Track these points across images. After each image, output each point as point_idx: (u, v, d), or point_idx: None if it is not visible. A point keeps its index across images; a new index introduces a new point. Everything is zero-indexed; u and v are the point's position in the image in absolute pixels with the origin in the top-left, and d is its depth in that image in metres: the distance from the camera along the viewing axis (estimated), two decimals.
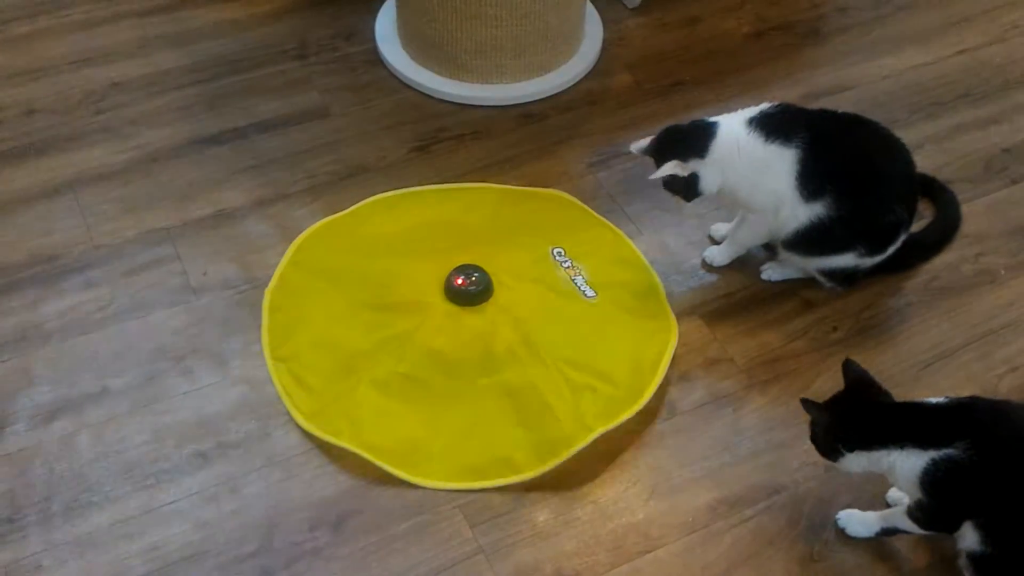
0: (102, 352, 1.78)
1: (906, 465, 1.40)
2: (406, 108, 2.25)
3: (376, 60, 2.36)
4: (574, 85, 2.33)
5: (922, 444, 1.39)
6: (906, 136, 1.84)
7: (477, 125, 2.22)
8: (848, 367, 1.49)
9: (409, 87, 2.30)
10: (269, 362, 1.76)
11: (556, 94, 2.30)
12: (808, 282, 1.92)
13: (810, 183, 1.73)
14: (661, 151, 1.78)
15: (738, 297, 1.91)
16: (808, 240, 1.79)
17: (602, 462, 1.67)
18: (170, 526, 1.57)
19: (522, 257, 1.94)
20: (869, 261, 1.83)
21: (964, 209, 2.05)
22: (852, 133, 1.81)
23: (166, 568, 1.53)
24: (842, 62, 2.40)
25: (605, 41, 2.42)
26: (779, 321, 1.87)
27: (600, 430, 1.68)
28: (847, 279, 1.87)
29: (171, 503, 1.60)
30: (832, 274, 1.86)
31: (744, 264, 1.95)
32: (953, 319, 1.88)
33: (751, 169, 1.75)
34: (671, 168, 1.74)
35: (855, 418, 1.44)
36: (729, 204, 1.87)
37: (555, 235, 1.97)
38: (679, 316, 1.87)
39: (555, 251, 1.94)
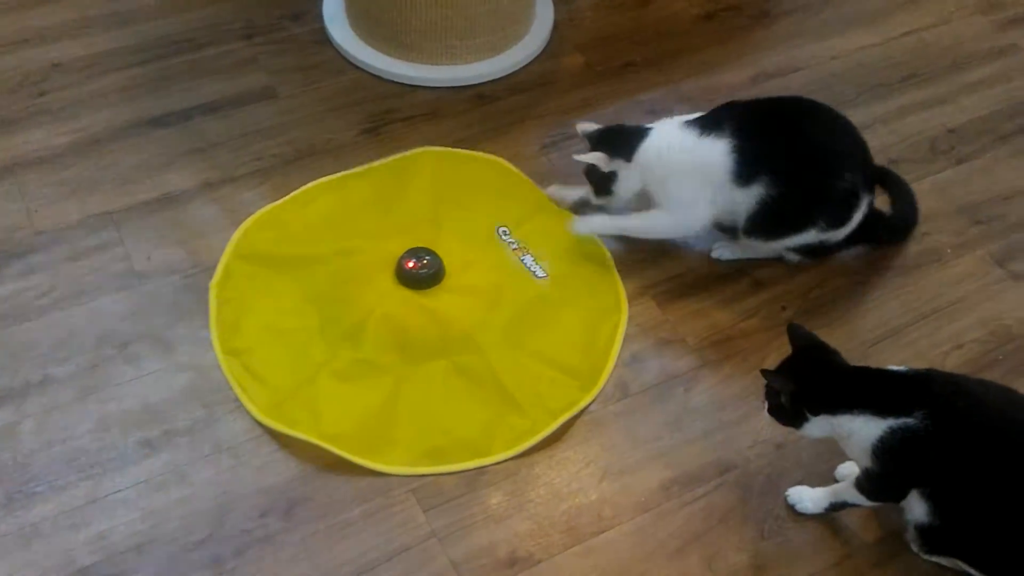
0: (44, 339, 1.75)
1: (862, 432, 1.41)
2: (356, 89, 2.23)
3: (324, 40, 2.32)
4: (526, 66, 2.31)
5: (881, 412, 1.40)
6: (854, 116, 1.85)
7: (428, 107, 2.20)
8: (794, 331, 1.49)
9: (358, 68, 2.27)
10: (220, 356, 1.73)
11: (508, 75, 2.29)
12: (758, 262, 1.93)
13: (744, 168, 1.76)
14: (598, 141, 1.87)
15: (689, 278, 1.92)
16: (764, 223, 1.80)
17: (555, 444, 1.67)
18: (117, 515, 1.54)
19: (470, 238, 1.92)
20: (835, 234, 1.84)
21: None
22: (786, 113, 1.83)
23: (113, 558, 1.50)
24: (791, 43, 2.42)
25: (556, 22, 2.41)
26: (730, 301, 1.88)
27: (563, 417, 1.68)
28: (815, 252, 1.88)
29: (117, 492, 1.57)
30: (799, 249, 1.87)
31: (695, 245, 1.95)
32: (900, 298, 1.90)
33: (681, 164, 1.80)
34: (594, 158, 1.84)
35: (820, 382, 1.45)
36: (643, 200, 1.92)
37: (498, 212, 1.97)
38: (631, 297, 1.87)
39: (500, 230, 1.93)
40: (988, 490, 1.39)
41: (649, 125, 1.86)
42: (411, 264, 1.83)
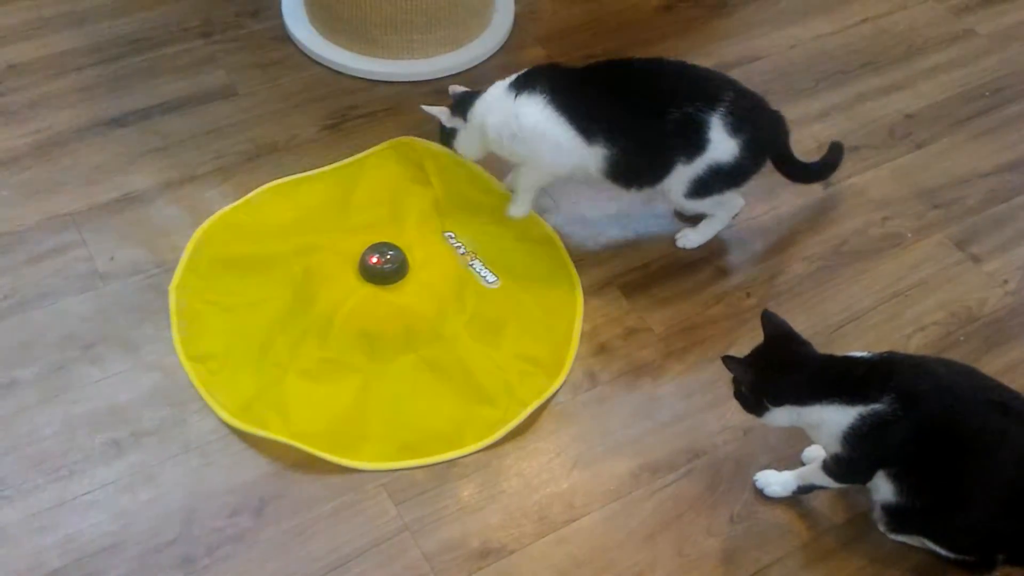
0: (7, 343, 1.72)
1: (832, 421, 1.43)
2: (316, 85, 2.22)
3: (283, 37, 2.31)
4: (486, 60, 2.32)
5: (850, 400, 1.41)
6: (812, 104, 1.87)
7: (390, 101, 2.20)
8: (768, 319, 1.50)
9: (319, 64, 2.26)
10: (184, 362, 1.71)
11: (469, 69, 2.29)
12: (722, 250, 1.94)
13: (584, 125, 1.78)
14: (455, 100, 1.92)
15: (654, 267, 1.93)
16: (629, 176, 1.84)
17: (526, 435, 1.68)
18: (86, 517, 1.53)
19: (426, 237, 1.92)
20: (711, 158, 1.78)
21: (870, 175, 2.10)
22: (619, 72, 1.84)
23: (83, 560, 1.49)
24: (750, 33, 2.44)
25: (516, 15, 2.41)
26: (694, 289, 1.90)
27: (533, 405, 1.69)
28: (734, 177, 1.83)
29: (85, 494, 1.56)
30: (708, 188, 1.83)
31: (659, 234, 1.96)
32: (862, 282, 1.93)
33: (508, 124, 1.82)
34: (436, 112, 1.92)
35: (783, 374, 1.46)
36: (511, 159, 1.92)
37: (442, 216, 1.96)
38: (597, 288, 1.88)
39: (447, 235, 1.93)
40: (952, 468, 1.41)
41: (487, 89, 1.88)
42: (374, 260, 1.83)
